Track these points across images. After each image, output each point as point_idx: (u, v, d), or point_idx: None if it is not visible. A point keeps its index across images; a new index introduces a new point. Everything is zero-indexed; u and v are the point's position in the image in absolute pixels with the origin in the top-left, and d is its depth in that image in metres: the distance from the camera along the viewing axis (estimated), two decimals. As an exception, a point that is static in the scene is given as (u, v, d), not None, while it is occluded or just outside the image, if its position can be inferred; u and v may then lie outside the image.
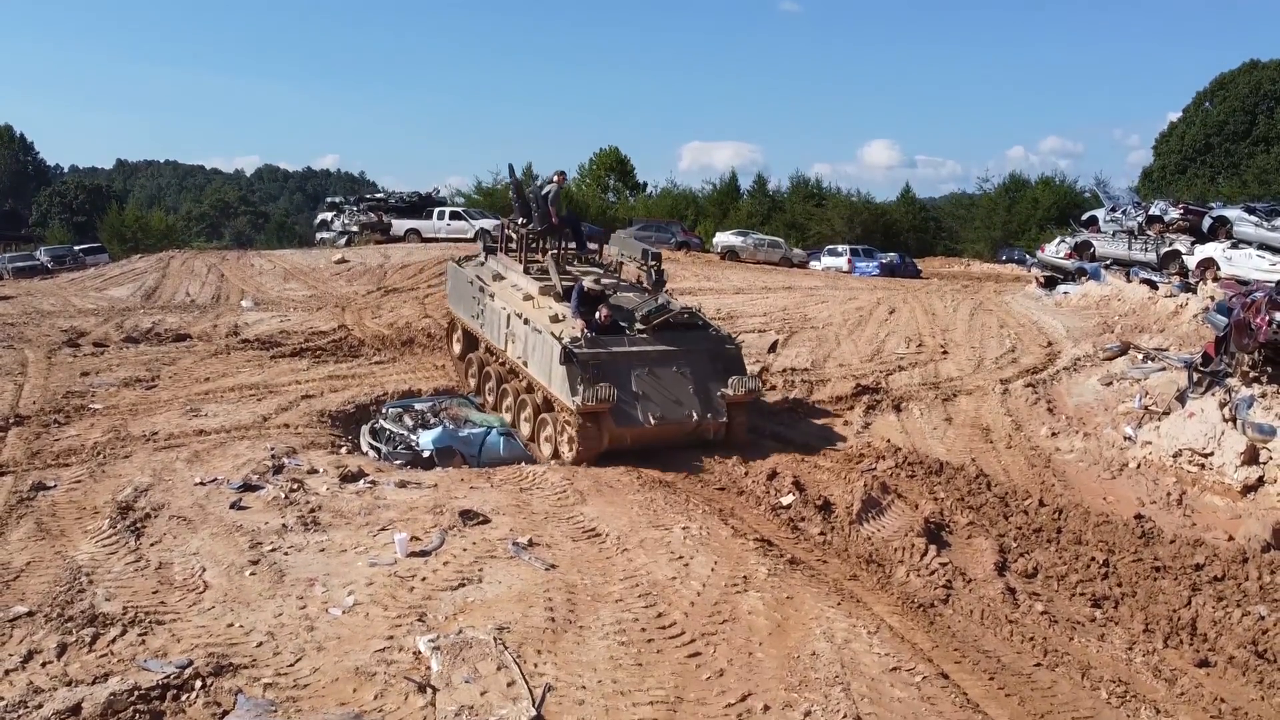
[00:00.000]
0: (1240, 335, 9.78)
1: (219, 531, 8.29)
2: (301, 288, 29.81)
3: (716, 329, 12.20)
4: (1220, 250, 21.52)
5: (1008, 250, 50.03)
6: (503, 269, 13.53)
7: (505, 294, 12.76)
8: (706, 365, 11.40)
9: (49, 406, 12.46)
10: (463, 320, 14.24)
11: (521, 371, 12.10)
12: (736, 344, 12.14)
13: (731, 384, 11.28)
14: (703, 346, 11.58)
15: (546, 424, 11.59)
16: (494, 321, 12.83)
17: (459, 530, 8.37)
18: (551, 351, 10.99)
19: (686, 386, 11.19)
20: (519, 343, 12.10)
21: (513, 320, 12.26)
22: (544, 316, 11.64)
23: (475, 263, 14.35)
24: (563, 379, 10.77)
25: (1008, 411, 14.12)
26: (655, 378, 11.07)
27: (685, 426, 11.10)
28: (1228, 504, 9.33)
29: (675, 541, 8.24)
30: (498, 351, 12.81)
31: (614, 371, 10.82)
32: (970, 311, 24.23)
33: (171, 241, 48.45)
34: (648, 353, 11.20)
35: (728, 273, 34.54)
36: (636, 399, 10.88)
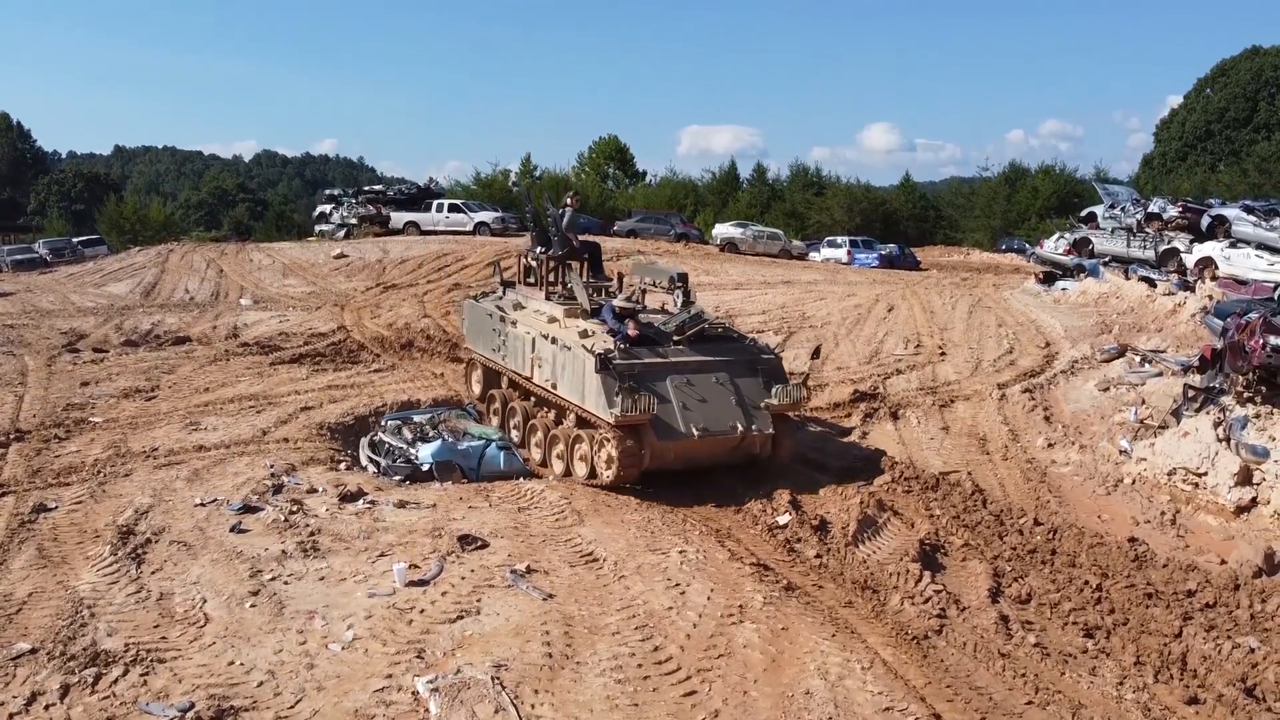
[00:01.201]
0: (1235, 357, 9.81)
1: (219, 558, 8.36)
2: (300, 284, 29.82)
3: (753, 340, 11.80)
4: (1219, 249, 21.53)
5: (1007, 240, 50.01)
6: (523, 299, 13.07)
7: (528, 320, 12.30)
8: (747, 375, 10.95)
9: (49, 420, 12.51)
10: (482, 357, 13.61)
11: (550, 397, 11.60)
12: (776, 354, 11.76)
13: (775, 394, 10.79)
14: (742, 356, 11.16)
15: (581, 443, 11.06)
16: (517, 349, 12.35)
17: (457, 556, 8.43)
18: (584, 365, 10.59)
19: (728, 397, 10.69)
20: (546, 365, 11.61)
21: (538, 343, 11.80)
22: (572, 333, 11.21)
23: (493, 297, 13.83)
24: (598, 391, 10.29)
25: (1004, 419, 14.17)
26: (695, 388, 10.58)
27: (730, 440, 10.58)
28: (1221, 524, 9.40)
29: (672, 567, 8.30)
30: (522, 380, 12.30)
31: (651, 382, 10.37)
32: (969, 309, 24.25)
33: (170, 232, 48.42)
34: (685, 363, 10.77)
35: (727, 266, 34.53)
36: (677, 410, 10.35)
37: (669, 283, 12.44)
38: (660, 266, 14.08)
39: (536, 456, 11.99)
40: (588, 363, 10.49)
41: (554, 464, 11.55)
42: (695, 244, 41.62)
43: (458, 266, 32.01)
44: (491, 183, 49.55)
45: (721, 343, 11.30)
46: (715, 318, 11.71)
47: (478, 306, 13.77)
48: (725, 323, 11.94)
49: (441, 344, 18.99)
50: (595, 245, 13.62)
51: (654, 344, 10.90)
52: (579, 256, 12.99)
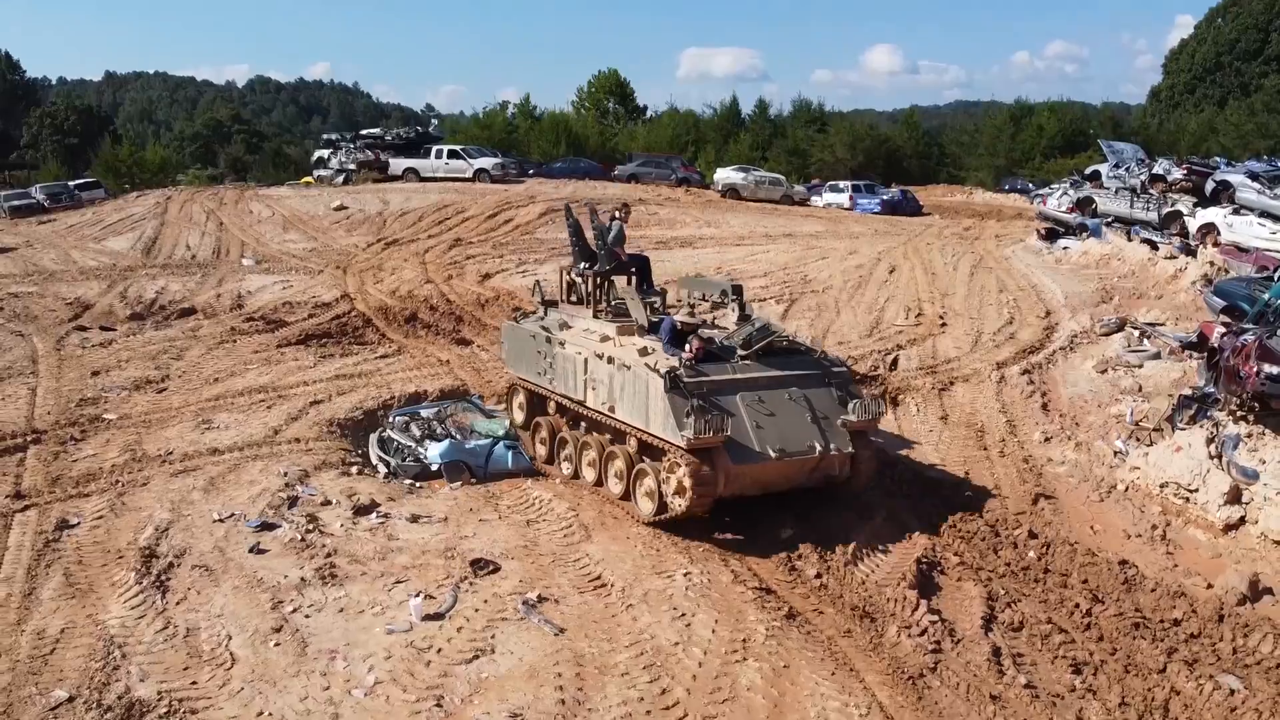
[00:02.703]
0: (1230, 381, 9.98)
1: (241, 585, 8.66)
2: (301, 239, 29.79)
3: (823, 352, 11.06)
4: (1222, 216, 21.49)
5: (1011, 180, 49.71)
6: (569, 318, 12.09)
7: (578, 339, 11.39)
8: (820, 390, 10.29)
9: (64, 418, 12.74)
10: (525, 381, 12.62)
11: (608, 421, 10.81)
12: (848, 366, 11.04)
13: (853, 409, 10.07)
14: (813, 370, 10.49)
15: (645, 476, 10.27)
16: (568, 371, 11.42)
17: (470, 581, 8.73)
18: (647, 386, 9.82)
19: (803, 414, 10.00)
20: (602, 388, 10.73)
21: (592, 364, 10.92)
22: (631, 352, 10.36)
23: (534, 318, 12.77)
24: (665, 413, 9.50)
25: (1002, 407, 14.39)
26: (767, 405, 9.90)
27: (809, 461, 9.86)
28: (1209, 540, 9.69)
29: (677, 593, 8.61)
30: (575, 405, 11.41)
31: (721, 400, 9.70)
32: (970, 270, 24.31)
33: (167, 175, 48.07)
34: (755, 379, 10.07)
35: (728, 216, 34.40)
36: (750, 430, 9.67)
37: (721, 295, 11.84)
38: (711, 279, 13.28)
39: (590, 477, 11.30)
40: (653, 382, 9.73)
41: (611, 483, 10.96)
42: (696, 189, 41.37)
43: (458, 220, 31.92)
44: (490, 123, 48.97)
45: (789, 355, 10.56)
46: (781, 329, 10.91)
47: (518, 329, 12.71)
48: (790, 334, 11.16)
49: (446, 317, 19.13)
50: (644, 259, 12.80)
51: (718, 360, 10.23)
52: (627, 271, 12.17)
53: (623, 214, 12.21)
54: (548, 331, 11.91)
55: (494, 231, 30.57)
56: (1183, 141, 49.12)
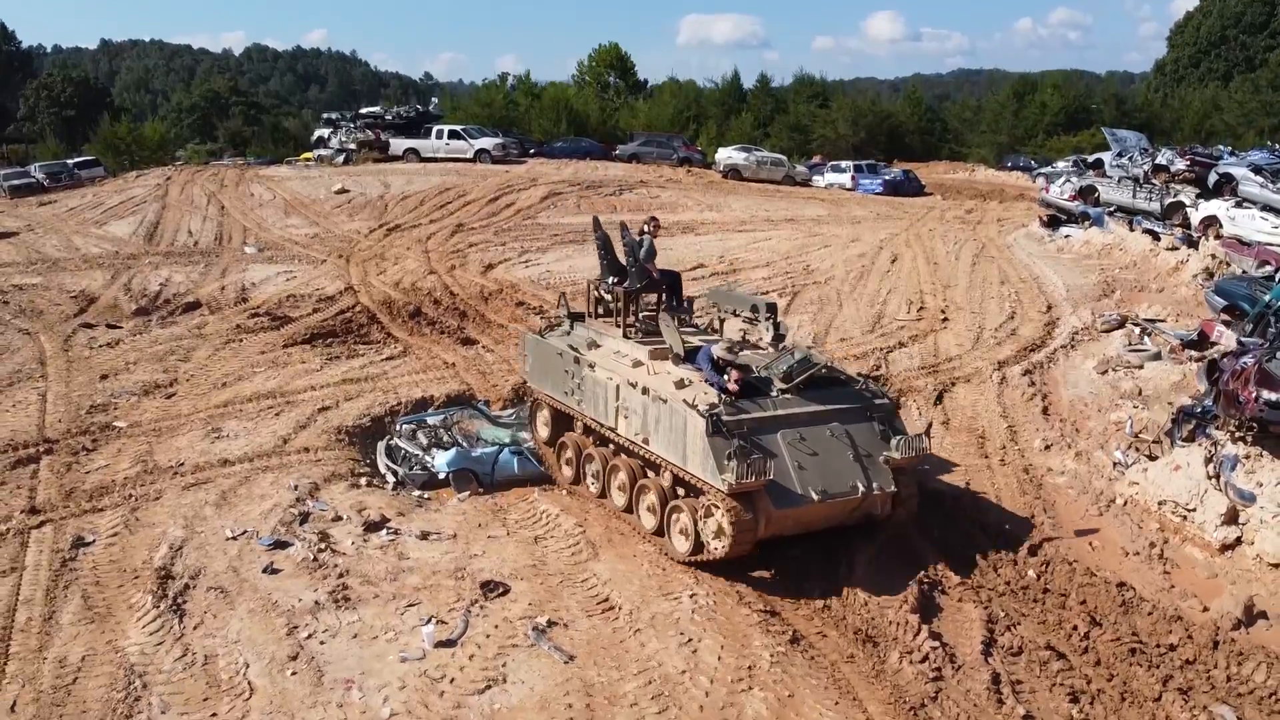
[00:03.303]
0: (1228, 404, 10.09)
1: (256, 608, 8.84)
2: (303, 224, 29.80)
3: (864, 382, 10.52)
4: (1224, 208, 21.51)
5: (1013, 157, 49.55)
6: (596, 335, 11.57)
7: (608, 362, 10.88)
8: (863, 424, 9.86)
9: (75, 427, 12.87)
10: (550, 398, 12.03)
11: (639, 450, 10.41)
12: (891, 399, 10.51)
13: (896, 445, 9.65)
14: (855, 403, 10.01)
15: (680, 511, 9.86)
16: (597, 395, 10.91)
17: (481, 604, 8.91)
18: (684, 423, 9.36)
19: (845, 452, 9.59)
20: (635, 417, 10.25)
21: (624, 391, 10.42)
22: (667, 383, 9.89)
23: (560, 332, 12.20)
24: (704, 454, 9.08)
25: (1003, 411, 14.52)
26: (808, 444, 9.48)
27: (851, 502, 9.51)
28: (1206, 559, 9.86)
29: (684, 616, 8.79)
30: (605, 431, 10.95)
31: (763, 439, 9.31)
32: (972, 260, 24.37)
33: (167, 153, 47.88)
34: (796, 415, 9.61)
35: (730, 199, 34.35)
36: (792, 471, 9.28)
37: (752, 312, 11.48)
38: (742, 294, 12.77)
39: (620, 502, 10.89)
40: (692, 421, 9.26)
41: (644, 516, 10.52)
42: (698, 168, 41.27)
43: (459, 204, 31.91)
44: (490, 100, 48.67)
45: (830, 387, 10.04)
46: (818, 354, 10.43)
47: (544, 343, 12.09)
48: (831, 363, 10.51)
49: (449, 312, 19.21)
50: (675, 275, 12.28)
51: (757, 391, 9.79)
52: (658, 288, 11.63)
53: (652, 228, 11.84)
54: (576, 351, 11.36)
55: (496, 216, 30.56)
56: (1186, 119, 48.91)
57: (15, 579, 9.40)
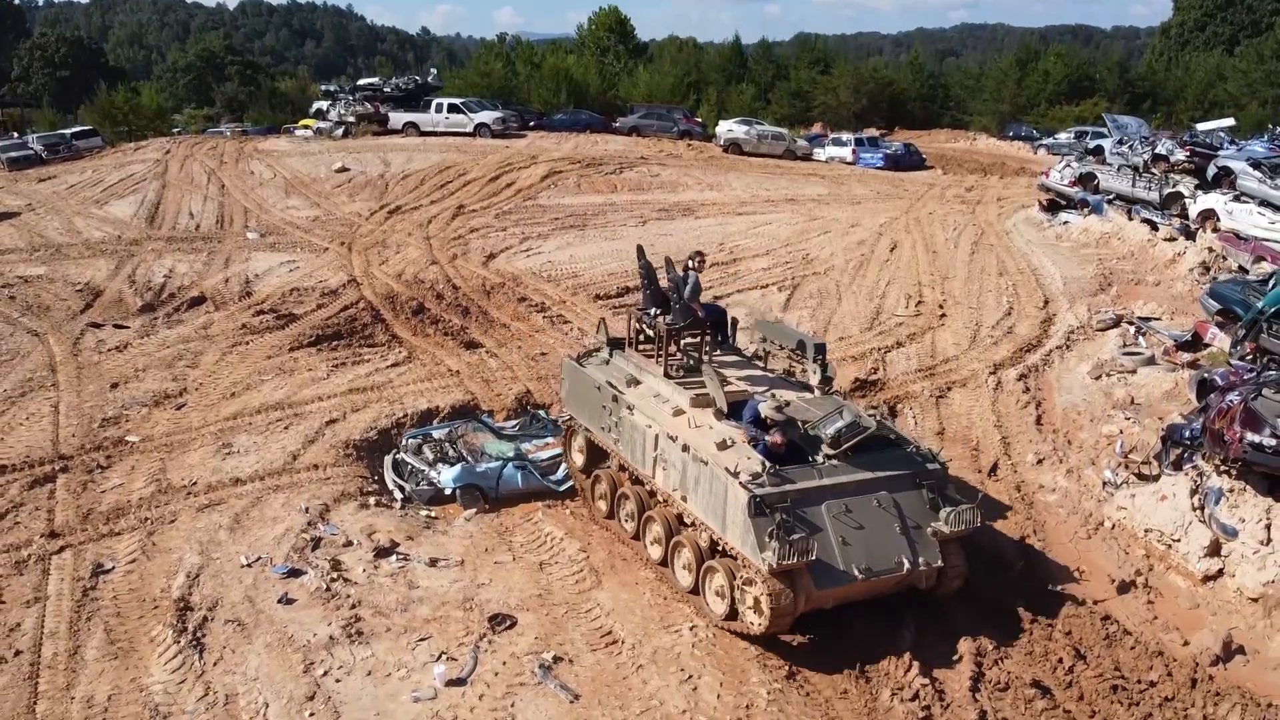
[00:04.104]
0: (1214, 442, 10.34)
1: (273, 643, 9.19)
2: (304, 205, 29.84)
3: (915, 444, 10.08)
4: (1222, 202, 21.60)
5: (1015, 127, 49.38)
6: (636, 370, 11.26)
7: (648, 406, 10.57)
8: (911, 493, 9.42)
9: (89, 442, 13.15)
10: (587, 429, 11.82)
11: (675, 503, 10.16)
12: (942, 463, 9.92)
13: (944, 517, 9.23)
14: (904, 469, 9.56)
15: (715, 574, 9.57)
16: (635, 441, 10.65)
17: (489, 640, 9.26)
18: (725, 491, 9.06)
19: (891, 524, 9.20)
20: (674, 472, 9.97)
21: (663, 443, 10.14)
22: (708, 442, 9.57)
23: (598, 360, 11.89)
24: (745, 528, 8.80)
25: (998, 420, 14.79)
26: (854, 516, 9.09)
27: (894, 579, 9.16)
28: (1189, 588, 10.19)
29: (684, 651, 9.16)
30: (643, 477, 10.70)
31: (806, 512, 8.96)
32: (971, 248, 24.53)
33: (164, 121, 47.65)
34: (842, 484, 9.20)
35: (731, 177, 34.32)
36: (836, 548, 8.92)
37: (799, 349, 11.27)
38: (790, 329, 12.44)
39: (655, 554, 10.58)
40: (734, 491, 8.94)
41: (679, 574, 10.20)
42: (699, 141, 41.12)
43: (459, 183, 31.93)
44: (490, 69, 48.28)
45: (879, 450, 9.57)
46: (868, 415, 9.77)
47: (581, 372, 11.83)
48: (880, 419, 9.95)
49: (452, 309, 19.40)
50: (721, 312, 11.85)
51: (801, 453, 9.45)
52: (702, 326, 11.26)
53: (697, 263, 11.48)
54: (614, 388, 11.10)
55: (496, 197, 30.59)
56: (1190, 89, 48.63)
57: (40, 609, 9.74)
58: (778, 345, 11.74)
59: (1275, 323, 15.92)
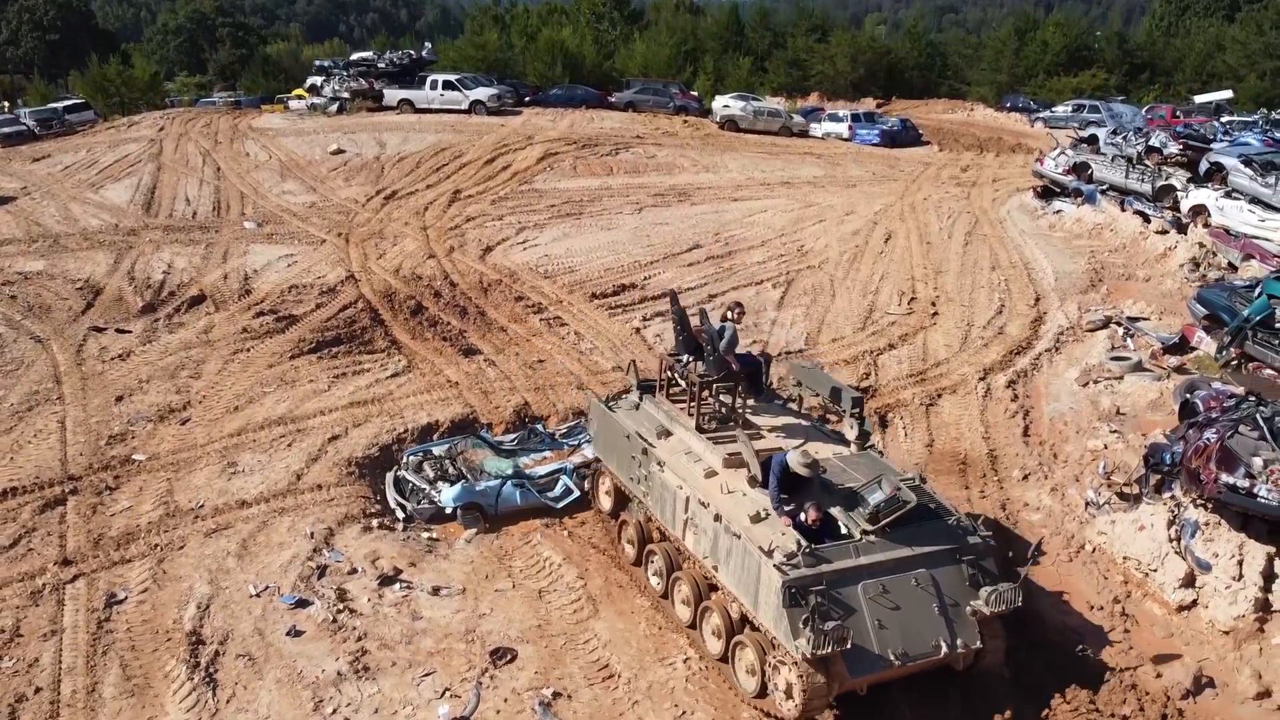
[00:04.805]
0: (1190, 480, 10.65)
1: (283, 678, 9.57)
2: (300, 190, 29.87)
3: (956, 515, 9.60)
4: (1213, 198, 21.78)
5: (1012, 97, 49.20)
6: (668, 419, 11.02)
7: (679, 465, 10.30)
8: (950, 568, 9.07)
9: (96, 462, 13.43)
10: (614, 474, 11.69)
11: (705, 568, 9.91)
12: (985, 535, 9.46)
13: (985, 597, 8.85)
14: (944, 543, 9.17)
15: (744, 648, 9.35)
16: (665, 499, 10.42)
17: (491, 674, 9.65)
18: (758, 569, 8.79)
19: (930, 604, 8.86)
20: (705, 538, 9.73)
21: (694, 506, 9.88)
22: (741, 513, 9.26)
23: (628, 404, 11.62)
24: (778, 612, 8.53)
25: (985, 431, 15.11)
26: (890, 596, 8.74)
27: (930, 662, 8.85)
28: (1164, 617, 10.58)
29: (678, 686, 9.56)
30: (672, 537, 10.51)
31: (841, 593, 8.63)
32: (964, 239, 24.70)
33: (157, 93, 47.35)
34: (880, 563, 8.86)
35: (726, 159, 34.30)
36: (871, 631, 8.59)
37: (834, 399, 10.99)
38: (825, 375, 12.02)
39: (684, 616, 10.38)
40: (767, 572, 8.66)
41: (708, 640, 10.00)
42: (695, 117, 40.97)
43: (455, 165, 31.93)
44: (485, 41, 47.85)
45: (919, 523, 9.17)
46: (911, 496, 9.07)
47: (610, 418, 11.60)
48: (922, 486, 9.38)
49: (450, 309, 19.60)
50: (756, 364, 11.49)
51: (834, 525, 9.17)
52: (737, 379, 10.94)
53: (735, 315, 11.14)
54: (645, 441, 10.85)
55: (491, 180, 30.61)
56: (1189, 60, 48.38)
57: (56, 643, 10.10)
58: (812, 392, 11.49)
59: (1260, 330, 16.26)
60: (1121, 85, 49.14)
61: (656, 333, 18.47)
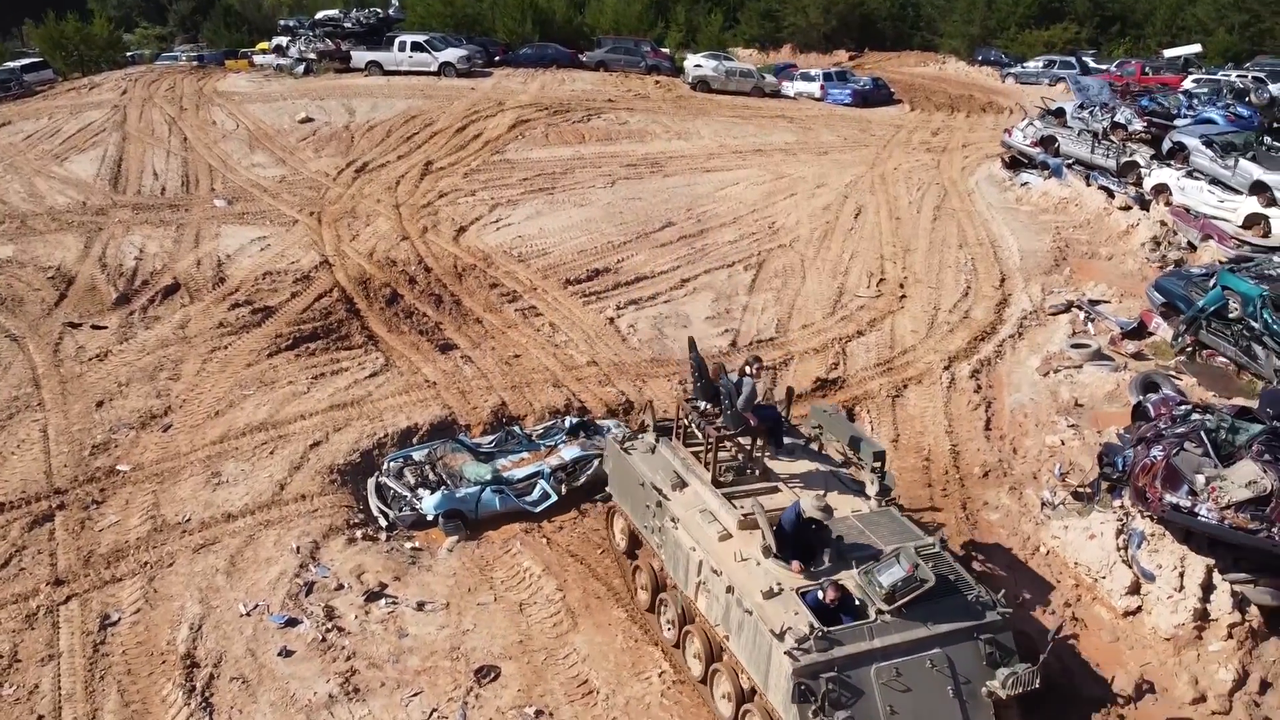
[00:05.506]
0: (1137, 498, 11.19)
1: (276, 700, 10.01)
2: (270, 162, 29.65)
3: (976, 589, 9.25)
4: (1175, 177, 22.19)
5: (984, 51, 49.20)
6: (684, 468, 10.91)
7: (693, 524, 10.12)
8: (967, 648, 8.81)
9: (81, 474, 13.66)
10: (629, 517, 11.69)
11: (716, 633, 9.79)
12: (1005, 611, 9.12)
13: (1001, 680, 8.62)
14: (962, 620, 8.90)
15: (752, 716, 9.28)
16: (678, 558, 10.32)
17: (476, 693, 10.15)
18: (769, 650, 8.62)
19: (944, 687, 8.59)
20: (717, 605, 9.60)
21: (706, 572, 9.76)
22: (754, 587, 9.11)
23: (644, 447, 11.58)
24: (786, 700, 8.39)
25: (949, 425, 15.63)
26: (904, 679, 8.51)
27: None
28: (1111, 621, 11.21)
29: (654, 701, 10.11)
30: (683, 594, 10.40)
31: (852, 676, 8.44)
32: (933, 214, 25.04)
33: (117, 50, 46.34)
34: (894, 645, 8.63)
35: (699, 123, 34.27)
36: (883, 715, 8.42)
37: (853, 449, 10.99)
38: (848, 424, 11.97)
39: (696, 671, 10.28)
40: (776, 654, 8.50)
41: (718, 702, 9.88)
42: (666, 77, 40.71)
43: (426, 134, 31.78)
44: (454, 0, 47.03)
45: (937, 601, 8.86)
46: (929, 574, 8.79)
47: (626, 461, 11.54)
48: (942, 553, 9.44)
49: (425, 297, 19.76)
50: (775, 417, 11.42)
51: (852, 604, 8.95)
52: (754, 435, 10.90)
53: (755, 371, 11.01)
54: (659, 492, 10.74)
55: (463, 150, 30.50)
56: (1159, 13, 48.44)
57: (54, 668, 10.47)
58: (832, 439, 11.46)
59: (1213, 320, 16.84)
60: (1093, 38, 49.20)
61: (630, 323, 18.77)
